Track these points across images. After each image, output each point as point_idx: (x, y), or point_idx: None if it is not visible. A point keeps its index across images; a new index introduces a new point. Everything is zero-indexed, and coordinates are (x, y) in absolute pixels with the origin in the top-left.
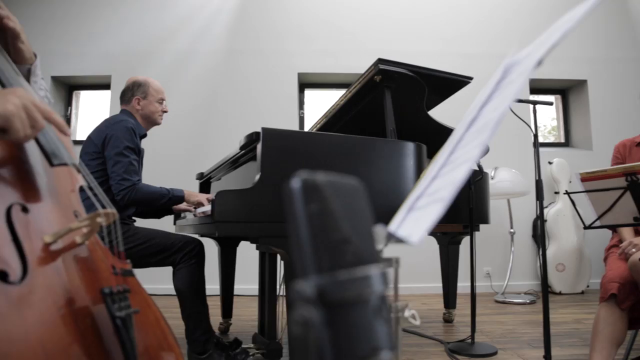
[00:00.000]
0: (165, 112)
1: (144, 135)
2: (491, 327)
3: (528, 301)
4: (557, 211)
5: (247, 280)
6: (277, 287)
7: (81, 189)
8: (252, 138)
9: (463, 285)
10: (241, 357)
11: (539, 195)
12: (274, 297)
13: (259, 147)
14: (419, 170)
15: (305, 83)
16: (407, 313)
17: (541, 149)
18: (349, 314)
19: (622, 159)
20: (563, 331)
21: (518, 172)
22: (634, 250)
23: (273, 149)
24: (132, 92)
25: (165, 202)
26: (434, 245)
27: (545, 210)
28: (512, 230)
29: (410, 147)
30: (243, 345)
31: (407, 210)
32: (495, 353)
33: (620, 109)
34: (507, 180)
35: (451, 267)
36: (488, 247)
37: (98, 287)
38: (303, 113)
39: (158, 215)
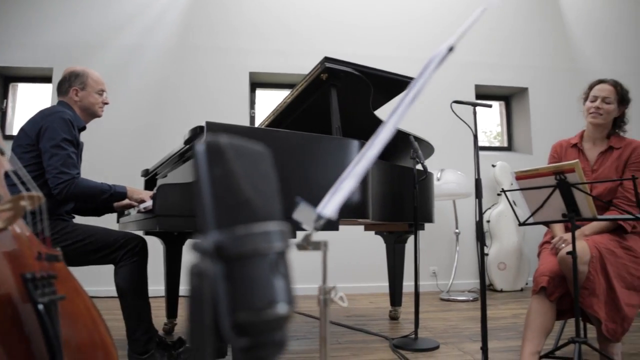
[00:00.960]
0: (106, 103)
1: (83, 128)
2: (435, 323)
3: (471, 299)
4: (499, 212)
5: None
6: None
7: (6, 175)
8: (196, 132)
9: (410, 284)
10: (184, 356)
11: (478, 194)
12: None
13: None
14: None
15: (257, 82)
16: (334, 295)
17: (486, 153)
18: (246, 268)
19: (558, 158)
20: (501, 325)
21: (463, 174)
22: (563, 245)
23: None
24: (69, 82)
25: (107, 198)
26: (381, 244)
27: (489, 212)
28: (457, 230)
29: (354, 144)
30: (187, 345)
31: (333, 192)
32: (437, 347)
33: (558, 116)
34: (452, 181)
35: (397, 265)
36: (434, 247)
37: (20, 273)
38: (254, 112)
39: (98, 212)
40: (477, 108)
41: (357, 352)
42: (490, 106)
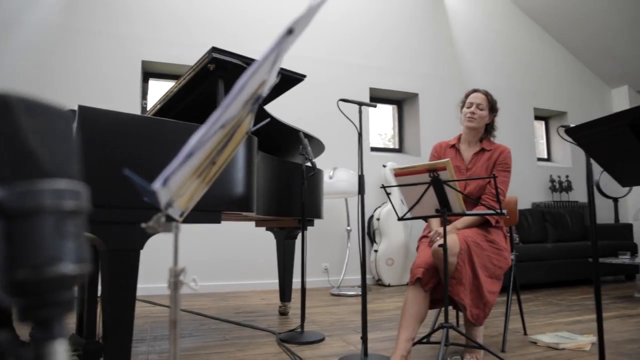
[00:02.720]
0: None
1: None
2: (323, 317)
3: (360, 293)
4: (388, 211)
5: None
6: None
7: None
8: None
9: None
10: None
11: (361, 189)
12: (95, 293)
13: (75, 126)
14: (249, 159)
15: (150, 72)
16: (184, 277)
17: (379, 154)
18: (28, 225)
19: (437, 157)
20: (385, 317)
21: (355, 172)
22: (438, 238)
23: (90, 129)
24: None
25: None
26: (273, 241)
27: (378, 210)
28: (348, 228)
29: None
30: None
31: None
32: (322, 339)
33: (444, 121)
34: (344, 180)
35: (287, 261)
36: (326, 244)
37: None
38: (146, 103)
39: None
40: (372, 111)
41: (243, 348)
42: (375, 106)
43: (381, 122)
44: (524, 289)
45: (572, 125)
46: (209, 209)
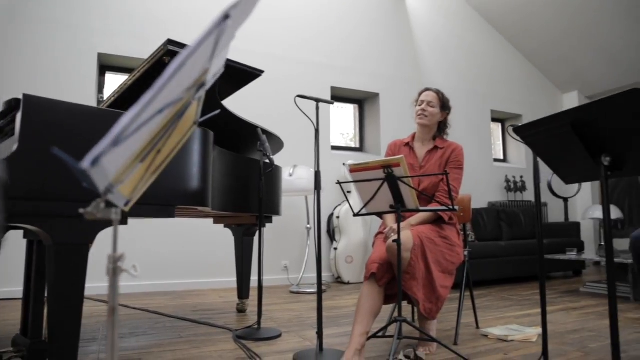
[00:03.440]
0: None
1: None
2: (281, 314)
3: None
4: (348, 209)
5: (14, 282)
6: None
7: None
8: (12, 105)
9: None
10: None
11: (317, 185)
12: (42, 292)
13: (19, 115)
14: (204, 154)
15: (107, 65)
16: (123, 264)
17: (340, 152)
18: None
19: (392, 155)
20: (343, 314)
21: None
22: (392, 234)
23: (36, 119)
24: None
25: None
26: (231, 239)
27: (339, 208)
28: (308, 226)
29: (195, 131)
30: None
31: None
32: (279, 335)
33: (404, 120)
34: (304, 177)
35: (245, 258)
36: (286, 241)
37: None
38: (102, 97)
39: None
40: (335, 111)
41: (199, 345)
42: (332, 103)
43: (343, 122)
44: (478, 285)
45: (519, 125)
46: (163, 203)
